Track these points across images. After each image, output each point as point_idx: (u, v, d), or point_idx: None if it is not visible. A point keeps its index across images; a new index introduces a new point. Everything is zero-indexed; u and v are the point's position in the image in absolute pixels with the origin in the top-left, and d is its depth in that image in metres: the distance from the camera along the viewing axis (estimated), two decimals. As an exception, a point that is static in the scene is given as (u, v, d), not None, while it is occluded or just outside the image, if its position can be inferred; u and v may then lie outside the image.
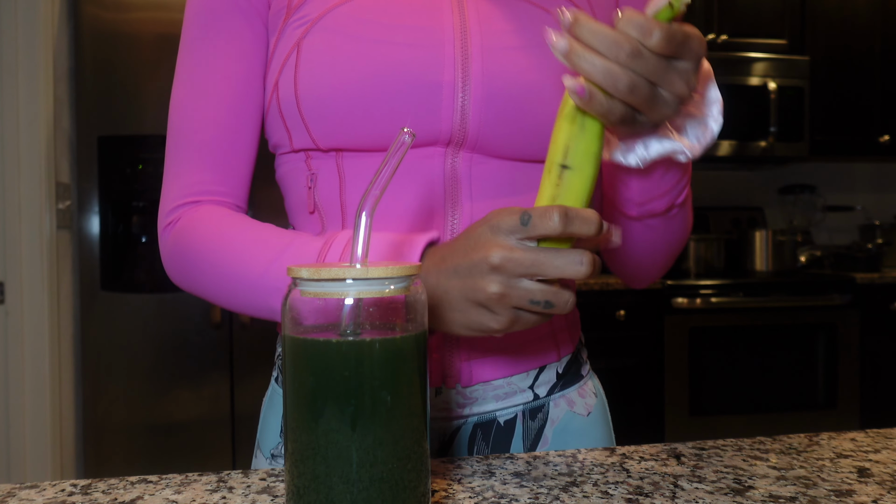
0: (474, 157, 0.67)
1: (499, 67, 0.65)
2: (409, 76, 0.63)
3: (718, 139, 2.84)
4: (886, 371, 2.79)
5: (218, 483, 0.57)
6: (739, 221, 3.21)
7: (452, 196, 0.67)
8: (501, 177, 0.68)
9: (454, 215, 0.67)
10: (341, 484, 0.42)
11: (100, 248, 2.31)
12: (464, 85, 0.64)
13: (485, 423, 0.71)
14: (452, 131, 0.65)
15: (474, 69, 0.64)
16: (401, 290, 0.44)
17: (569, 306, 0.50)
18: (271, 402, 0.77)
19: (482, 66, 0.64)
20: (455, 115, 0.65)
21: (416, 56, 0.64)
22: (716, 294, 2.63)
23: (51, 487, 0.56)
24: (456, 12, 0.66)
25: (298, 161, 0.71)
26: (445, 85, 0.64)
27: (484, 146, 0.66)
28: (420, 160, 0.66)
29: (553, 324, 0.74)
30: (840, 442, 0.67)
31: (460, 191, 0.67)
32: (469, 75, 0.64)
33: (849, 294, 2.72)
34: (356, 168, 0.67)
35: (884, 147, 3.05)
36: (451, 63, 0.64)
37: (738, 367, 2.65)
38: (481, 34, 0.65)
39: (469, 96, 0.64)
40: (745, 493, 0.54)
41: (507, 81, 0.65)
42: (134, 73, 2.31)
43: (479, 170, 0.67)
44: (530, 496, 0.54)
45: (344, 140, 0.66)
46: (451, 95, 0.64)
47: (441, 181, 0.67)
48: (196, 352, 2.32)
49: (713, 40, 2.87)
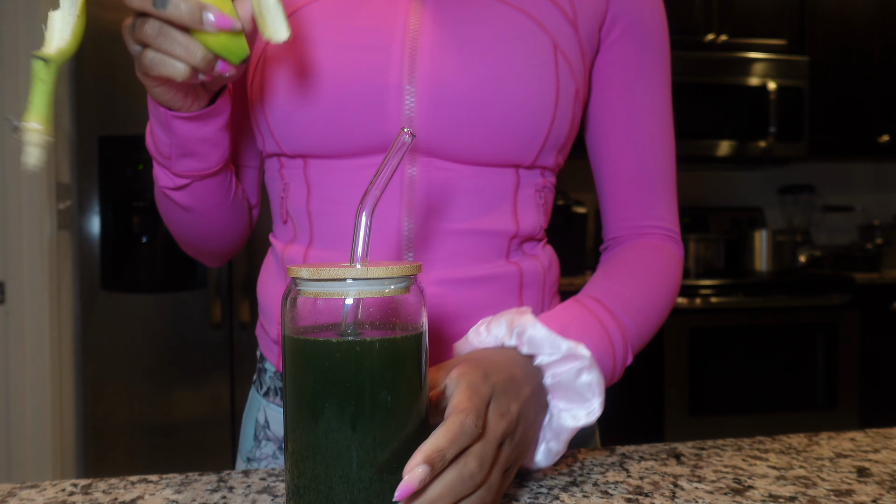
0: (434, 163, 0.65)
1: (447, 69, 0.63)
2: (355, 79, 0.62)
3: (718, 139, 2.84)
4: (886, 371, 2.79)
5: (218, 483, 0.57)
6: (739, 221, 3.21)
7: (409, 204, 0.65)
8: (462, 183, 0.66)
9: (409, 226, 0.65)
10: (341, 483, 0.42)
11: (100, 249, 2.31)
12: (410, 87, 0.62)
13: None
14: None
15: (422, 70, 0.63)
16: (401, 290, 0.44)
17: None
18: (250, 406, 0.79)
19: (430, 68, 0.63)
20: (402, 119, 0.63)
21: (364, 58, 0.63)
22: (716, 294, 2.63)
23: (51, 487, 0.56)
24: (413, 13, 0.64)
25: (274, 169, 0.71)
26: (391, 87, 0.62)
27: (439, 151, 0.64)
28: (372, 169, 0.65)
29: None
30: (839, 442, 0.68)
31: (416, 198, 0.65)
32: (416, 77, 0.62)
33: (848, 294, 2.72)
34: (320, 176, 0.67)
35: (883, 147, 3.05)
36: (398, 64, 0.63)
37: (738, 367, 2.65)
38: (434, 34, 0.64)
39: (415, 98, 0.62)
40: (745, 493, 0.54)
41: (455, 83, 0.62)
42: (134, 73, 2.31)
43: (439, 176, 0.65)
44: (530, 496, 0.54)
45: (305, 146, 0.65)
46: (397, 97, 0.62)
47: (398, 189, 0.65)
48: (196, 352, 2.32)
49: (713, 40, 2.87)
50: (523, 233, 0.69)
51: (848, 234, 3.42)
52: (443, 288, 0.66)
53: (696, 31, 2.87)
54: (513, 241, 0.69)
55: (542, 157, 0.67)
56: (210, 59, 0.50)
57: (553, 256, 0.75)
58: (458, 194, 0.66)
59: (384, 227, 0.65)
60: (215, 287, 2.31)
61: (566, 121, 0.66)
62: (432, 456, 0.42)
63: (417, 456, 0.41)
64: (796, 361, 2.69)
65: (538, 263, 0.71)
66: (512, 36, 0.64)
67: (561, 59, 0.65)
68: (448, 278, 0.66)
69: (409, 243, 0.66)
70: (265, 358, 0.77)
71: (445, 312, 0.67)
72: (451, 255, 0.67)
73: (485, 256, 0.68)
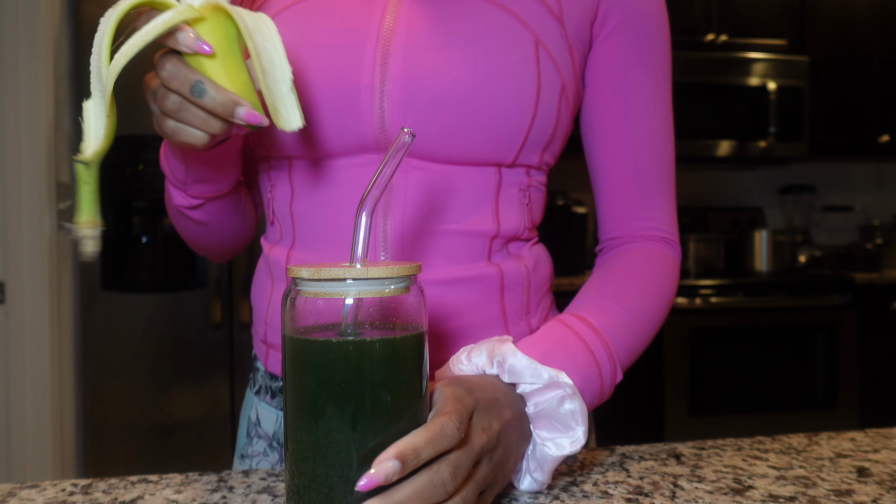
0: (409, 163, 0.65)
1: (420, 66, 0.62)
2: (329, 79, 0.62)
3: (718, 139, 2.84)
4: (886, 371, 2.79)
5: (218, 483, 0.57)
6: (739, 221, 3.21)
7: (385, 205, 0.65)
8: (439, 183, 0.65)
9: (386, 226, 0.65)
10: (341, 483, 0.42)
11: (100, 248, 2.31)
12: (382, 86, 0.62)
13: None
14: (375, 135, 0.63)
15: (393, 69, 0.62)
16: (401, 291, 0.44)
17: None
18: (244, 404, 0.80)
19: (402, 66, 0.62)
20: (374, 119, 0.63)
21: (338, 58, 0.63)
22: (716, 294, 2.63)
23: (51, 487, 0.56)
24: (390, 13, 0.64)
25: (263, 171, 0.72)
26: (364, 87, 0.62)
27: (415, 150, 0.64)
28: (355, 170, 0.65)
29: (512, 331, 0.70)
30: (839, 442, 0.68)
31: (394, 200, 0.65)
32: (387, 76, 0.62)
33: (848, 294, 2.72)
34: (303, 177, 0.67)
35: (883, 147, 3.05)
36: (371, 64, 0.62)
37: (737, 367, 2.65)
38: (408, 32, 0.63)
39: (388, 97, 0.62)
40: (745, 493, 0.54)
41: (429, 81, 0.62)
42: (134, 74, 2.31)
43: (416, 176, 0.65)
44: (530, 496, 0.54)
45: (286, 148, 0.66)
46: (370, 97, 0.62)
47: None
48: (196, 352, 2.32)
49: (713, 40, 2.87)
50: (505, 233, 0.68)
51: (848, 234, 3.42)
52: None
53: (696, 31, 2.87)
54: (494, 241, 0.68)
55: (524, 154, 0.66)
56: (228, 127, 0.51)
57: (542, 257, 0.73)
58: (436, 194, 0.65)
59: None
60: (215, 287, 2.31)
61: (550, 118, 0.65)
62: (405, 452, 0.41)
63: (390, 450, 0.41)
64: (796, 361, 2.69)
65: (521, 265, 0.70)
66: (490, 32, 0.63)
67: (543, 54, 0.64)
68: (427, 279, 0.65)
69: (385, 244, 0.65)
70: (257, 357, 0.77)
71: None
72: (430, 256, 0.66)
73: (464, 258, 0.67)
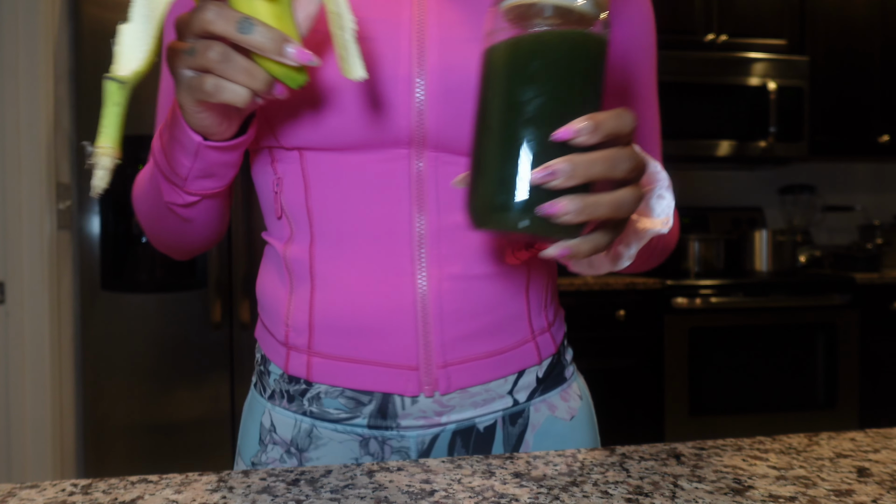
0: (440, 158, 0.64)
1: (456, 60, 0.62)
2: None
3: (718, 139, 2.84)
4: (886, 371, 2.79)
5: (218, 483, 0.57)
6: (739, 221, 3.22)
7: (419, 201, 0.65)
8: None
9: (420, 222, 0.65)
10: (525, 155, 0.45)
11: (100, 248, 2.31)
12: (420, 78, 0.62)
13: (464, 430, 0.70)
14: (411, 128, 0.63)
15: (430, 62, 0.62)
16: (589, 8, 0.47)
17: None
18: (251, 409, 0.75)
19: (439, 59, 0.62)
20: (412, 111, 0.62)
21: (373, 50, 0.62)
22: (716, 294, 2.63)
23: (51, 487, 0.56)
24: (416, 4, 0.64)
25: (265, 163, 0.70)
26: (401, 79, 0.62)
27: (447, 144, 0.64)
28: (383, 164, 0.64)
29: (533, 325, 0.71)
30: (839, 442, 0.68)
31: (426, 195, 0.65)
32: (425, 68, 0.62)
33: (848, 294, 2.72)
34: (319, 170, 0.66)
35: (883, 147, 3.05)
36: (407, 56, 0.62)
37: (738, 367, 2.65)
38: (439, 25, 0.63)
39: (425, 90, 0.62)
40: (745, 493, 0.54)
41: (465, 74, 0.62)
42: (134, 74, 2.31)
43: (447, 171, 0.65)
44: (530, 496, 0.54)
45: (305, 138, 0.64)
46: (408, 90, 0.62)
47: (406, 186, 0.64)
48: (196, 352, 2.32)
49: (713, 40, 2.87)
50: None
51: (848, 234, 3.42)
52: (455, 284, 0.66)
53: (696, 31, 2.87)
54: None
55: None
56: (270, 83, 0.48)
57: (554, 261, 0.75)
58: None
59: (395, 224, 0.65)
60: (215, 287, 2.31)
61: None
62: (595, 117, 0.44)
63: (580, 119, 0.44)
64: (796, 361, 2.69)
65: (544, 263, 0.72)
66: None
67: None
68: (461, 274, 0.66)
69: (421, 240, 0.65)
70: (269, 360, 0.73)
71: (458, 309, 0.67)
72: (463, 250, 0.66)
73: (495, 252, 0.67)
